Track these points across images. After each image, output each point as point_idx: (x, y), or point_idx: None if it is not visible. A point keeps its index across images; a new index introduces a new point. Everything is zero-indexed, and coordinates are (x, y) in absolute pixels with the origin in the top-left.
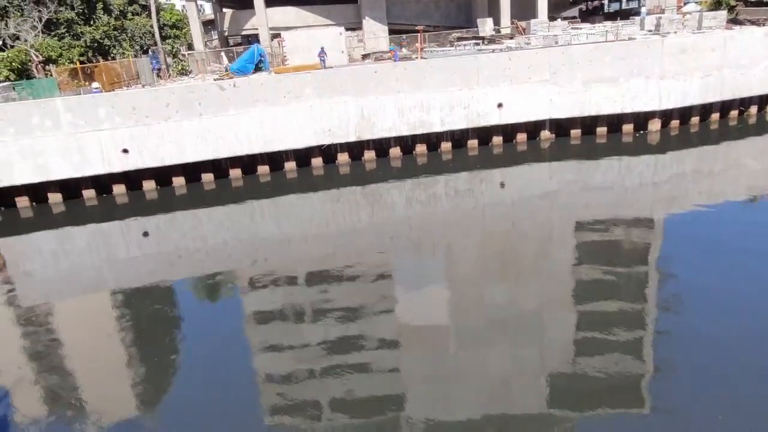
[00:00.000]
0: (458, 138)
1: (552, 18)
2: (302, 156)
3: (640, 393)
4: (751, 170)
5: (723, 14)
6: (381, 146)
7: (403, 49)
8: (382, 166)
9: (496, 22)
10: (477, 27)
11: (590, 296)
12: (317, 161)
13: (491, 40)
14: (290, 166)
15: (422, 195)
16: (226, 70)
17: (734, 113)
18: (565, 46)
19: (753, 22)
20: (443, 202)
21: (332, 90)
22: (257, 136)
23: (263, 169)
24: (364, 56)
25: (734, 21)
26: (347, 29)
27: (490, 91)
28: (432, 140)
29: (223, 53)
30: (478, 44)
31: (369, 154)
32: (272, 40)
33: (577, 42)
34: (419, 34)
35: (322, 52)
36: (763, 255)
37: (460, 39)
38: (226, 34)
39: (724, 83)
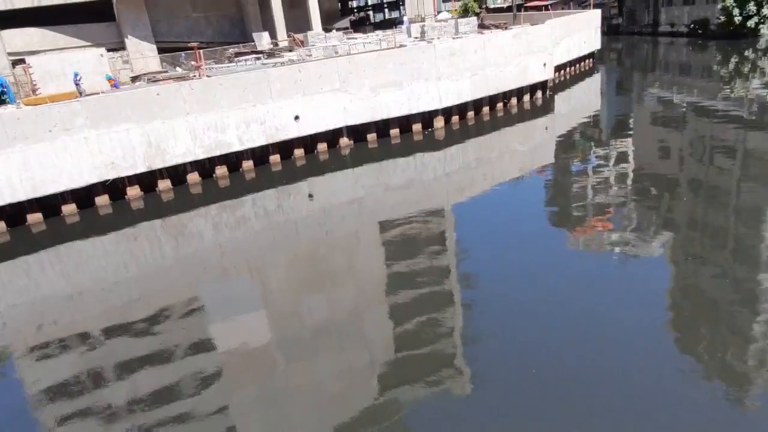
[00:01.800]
0: (259, 155)
1: (327, 29)
2: (82, 196)
3: (459, 367)
4: (519, 152)
5: (474, 20)
6: (177, 173)
7: (179, 69)
8: (180, 194)
9: (272, 36)
10: (254, 41)
11: (402, 288)
12: (102, 199)
13: (271, 54)
14: (69, 209)
15: (230, 218)
16: None
17: (500, 105)
18: (351, 55)
19: (496, 26)
20: (253, 222)
21: (109, 118)
22: (21, 180)
23: (35, 218)
24: (134, 78)
25: (482, 26)
26: (109, 50)
27: (284, 105)
28: (232, 160)
29: None
30: (259, 58)
31: (164, 184)
32: (14, 67)
33: (355, 51)
34: (196, 51)
35: (77, 78)
36: (536, 221)
37: (238, 54)
38: None
39: (488, 80)
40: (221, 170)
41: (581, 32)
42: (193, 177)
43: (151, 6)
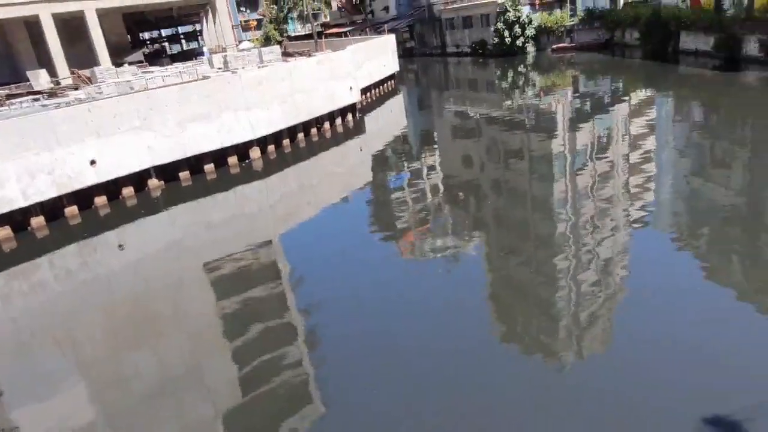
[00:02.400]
0: (51, 208)
1: (117, 64)
2: None
3: (311, 394)
4: (338, 174)
5: (277, 48)
6: None
7: None
8: None
9: (52, 74)
10: (29, 81)
11: (240, 328)
12: None
13: (52, 94)
14: None
15: (23, 287)
16: None
17: (314, 131)
18: (150, 90)
19: (300, 54)
20: (53, 286)
21: None
22: None
23: None
24: None
25: (286, 54)
26: None
27: (76, 149)
28: (16, 219)
29: None
30: (38, 99)
31: None
32: None
33: (154, 85)
34: None
35: None
36: (364, 239)
37: (10, 96)
38: None
39: (299, 107)
40: (4, 232)
41: (380, 56)
42: None
43: None
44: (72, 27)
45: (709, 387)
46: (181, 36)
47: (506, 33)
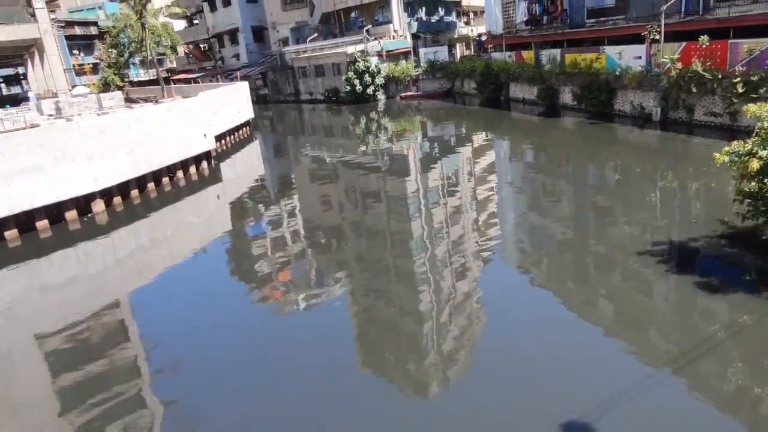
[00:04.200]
0: None
1: None
2: None
3: None
4: (195, 225)
5: (119, 94)
6: None
7: None
8: None
9: None
10: None
11: (86, 403)
12: None
13: None
14: None
15: None
16: None
17: (166, 180)
18: None
19: (145, 100)
20: None
21: None
22: None
23: None
24: None
25: (129, 100)
26: None
27: None
28: None
29: None
30: None
31: None
32: None
33: None
34: None
35: None
36: (225, 289)
37: None
38: None
39: (150, 155)
40: None
41: (234, 102)
42: None
43: None
44: None
45: (557, 394)
46: (1, 80)
47: (357, 82)
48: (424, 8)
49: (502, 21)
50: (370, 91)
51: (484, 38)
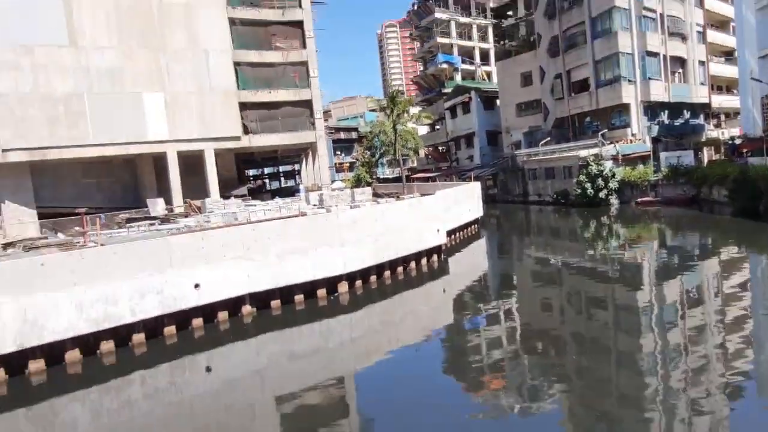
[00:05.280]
0: (153, 326)
1: (225, 196)
2: None
3: None
4: (420, 314)
5: (369, 190)
6: (53, 352)
7: (60, 234)
8: (55, 376)
9: (168, 202)
10: (147, 207)
11: None
12: None
13: (166, 220)
14: None
15: (113, 402)
16: None
17: (400, 269)
18: (256, 223)
19: (389, 195)
20: (141, 404)
21: None
22: None
23: None
24: (7, 245)
25: (376, 195)
26: None
27: (185, 273)
28: (121, 334)
29: None
30: (153, 224)
31: (36, 365)
32: None
33: (256, 218)
34: (83, 217)
35: None
36: (439, 381)
37: (130, 220)
38: None
39: (388, 246)
40: (107, 345)
41: (466, 201)
42: (73, 355)
43: (37, 172)
44: (190, 163)
45: None
46: (281, 174)
47: (589, 185)
48: (666, 111)
49: (762, 122)
50: (602, 194)
51: (738, 141)
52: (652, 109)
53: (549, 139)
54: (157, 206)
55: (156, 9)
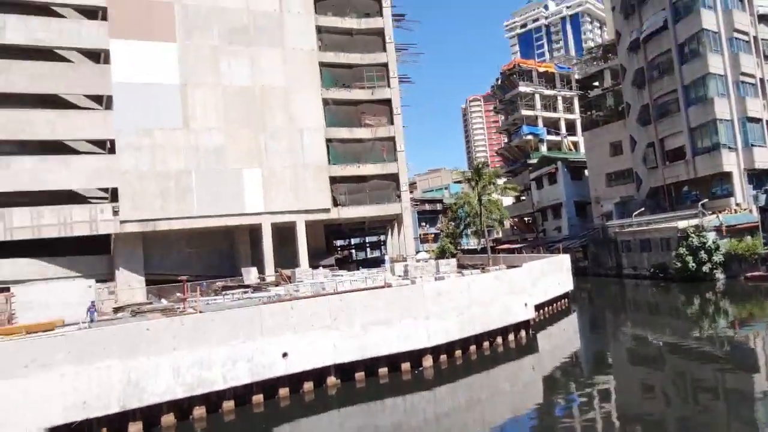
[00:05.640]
0: (242, 394)
1: (313, 266)
2: None
3: None
4: (508, 393)
5: (453, 261)
6: (151, 414)
7: (164, 300)
8: None
9: (261, 271)
10: (241, 275)
11: None
12: None
13: (258, 288)
14: None
15: None
16: None
17: (486, 344)
18: (343, 293)
19: (474, 267)
20: None
21: (93, 354)
22: None
23: None
24: (117, 309)
25: (460, 266)
26: (98, 281)
27: (274, 341)
28: (212, 400)
29: None
30: (246, 292)
31: (134, 427)
32: None
33: (342, 288)
34: (184, 284)
35: (92, 306)
36: None
37: (225, 288)
38: None
39: (474, 319)
40: (199, 411)
41: (555, 274)
42: (168, 419)
43: (148, 242)
44: (283, 233)
45: None
46: (367, 244)
47: (690, 258)
48: None
49: None
50: (705, 269)
51: None
52: (757, 177)
53: (643, 209)
54: (250, 275)
55: (258, 93)
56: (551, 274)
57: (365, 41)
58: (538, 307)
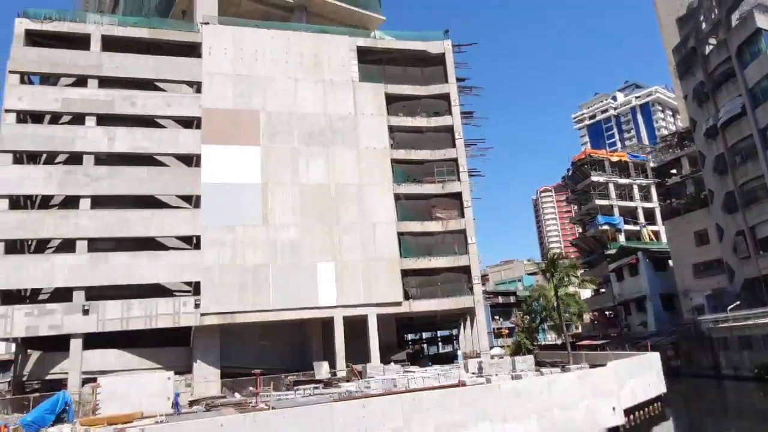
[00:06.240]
0: None
1: (385, 361)
2: None
3: None
4: None
5: (531, 358)
6: None
7: (237, 395)
8: None
9: (332, 365)
10: (313, 369)
11: None
12: None
13: (328, 384)
14: None
15: None
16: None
17: None
18: (416, 392)
19: (552, 364)
20: None
21: None
22: None
23: None
24: (193, 402)
25: (538, 363)
26: (176, 373)
27: None
28: None
29: None
30: (317, 387)
31: None
32: (83, 385)
33: (414, 385)
34: (257, 378)
35: (176, 397)
36: None
37: (297, 383)
38: (24, 378)
39: (556, 423)
40: None
41: (645, 374)
42: None
43: (225, 334)
44: (354, 327)
45: None
46: (439, 339)
47: None
48: None
49: None
50: None
51: None
52: None
53: (738, 302)
54: (321, 369)
55: (333, 190)
56: (641, 374)
57: (435, 138)
58: (627, 412)
